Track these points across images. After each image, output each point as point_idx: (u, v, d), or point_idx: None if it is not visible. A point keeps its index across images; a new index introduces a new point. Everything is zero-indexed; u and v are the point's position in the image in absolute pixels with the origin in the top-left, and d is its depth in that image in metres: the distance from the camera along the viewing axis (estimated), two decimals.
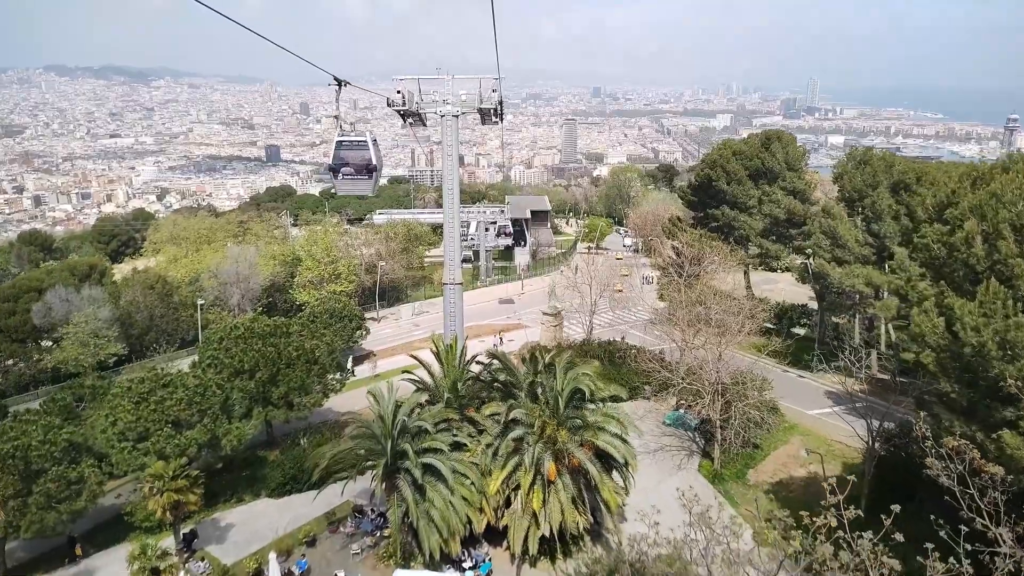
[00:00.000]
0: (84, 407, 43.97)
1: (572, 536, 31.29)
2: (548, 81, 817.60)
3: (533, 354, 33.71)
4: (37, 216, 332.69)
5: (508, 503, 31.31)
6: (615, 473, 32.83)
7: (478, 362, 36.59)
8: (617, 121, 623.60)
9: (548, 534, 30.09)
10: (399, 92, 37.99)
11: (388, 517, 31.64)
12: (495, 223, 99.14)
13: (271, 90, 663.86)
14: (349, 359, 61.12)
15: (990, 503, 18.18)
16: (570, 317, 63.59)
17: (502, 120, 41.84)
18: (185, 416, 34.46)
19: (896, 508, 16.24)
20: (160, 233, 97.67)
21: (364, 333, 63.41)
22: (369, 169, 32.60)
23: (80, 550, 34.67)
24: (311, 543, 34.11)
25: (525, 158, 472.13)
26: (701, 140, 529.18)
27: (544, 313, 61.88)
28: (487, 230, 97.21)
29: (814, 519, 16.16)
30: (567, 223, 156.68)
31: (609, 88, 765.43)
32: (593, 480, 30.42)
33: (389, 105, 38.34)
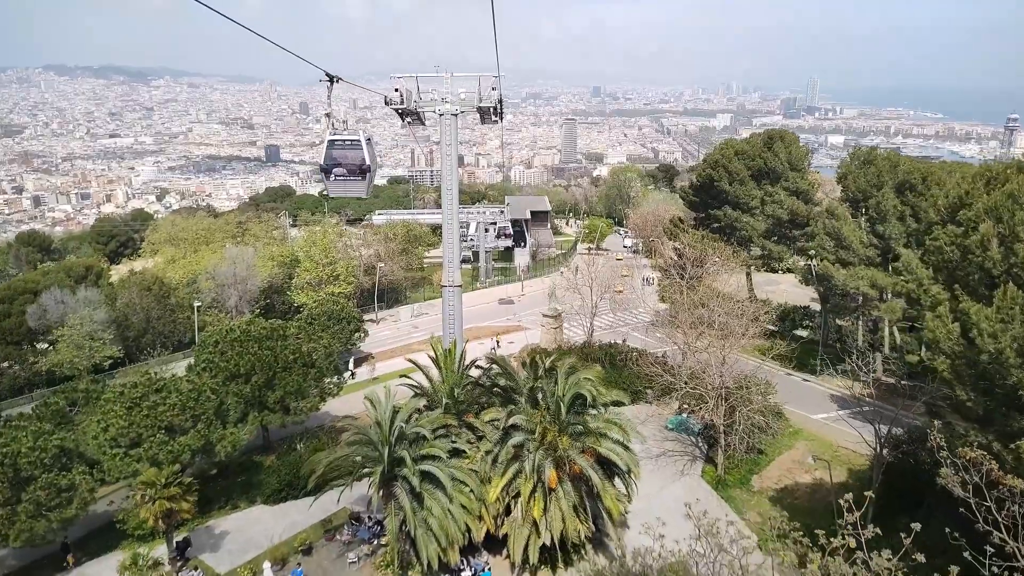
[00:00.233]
0: (77, 411, 43.28)
1: (573, 545, 30.63)
2: (548, 81, 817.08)
3: (533, 359, 33.06)
4: (36, 216, 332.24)
5: (508, 511, 30.68)
6: (617, 480, 32.19)
7: (477, 366, 35.91)
8: (617, 121, 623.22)
9: (549, 543, 29.46)
10: (397, 91, 37.21)
11: (386, 525, 30.97)
12: (495, 224, 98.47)
13: (270, 90, 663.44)
14: (350, 360, 60.75)
15: (1008, 516, 17.54)
16: (570, 319, 62.89)
17: (502, 119, 41.15)
18: (178, 422, 33.81)
19: (916, 527, 15.54)
20: (158, 234, 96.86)
21: (362, 335, 62.73)
22: (363, 170, 31.49)
23: (72, 558, 34.02)
24: (307, 551, 33.45)
25: (525, 158, 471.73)
26: (701, 140, 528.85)
27: (544, 315, 61.22)
28: (487, 231, 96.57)
29: (831, 539, 15.49)
30: (567, 223, 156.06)
31: (609, 88, 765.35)
32: (595, 488, 29.76)
33: (387, 104, 37.55)
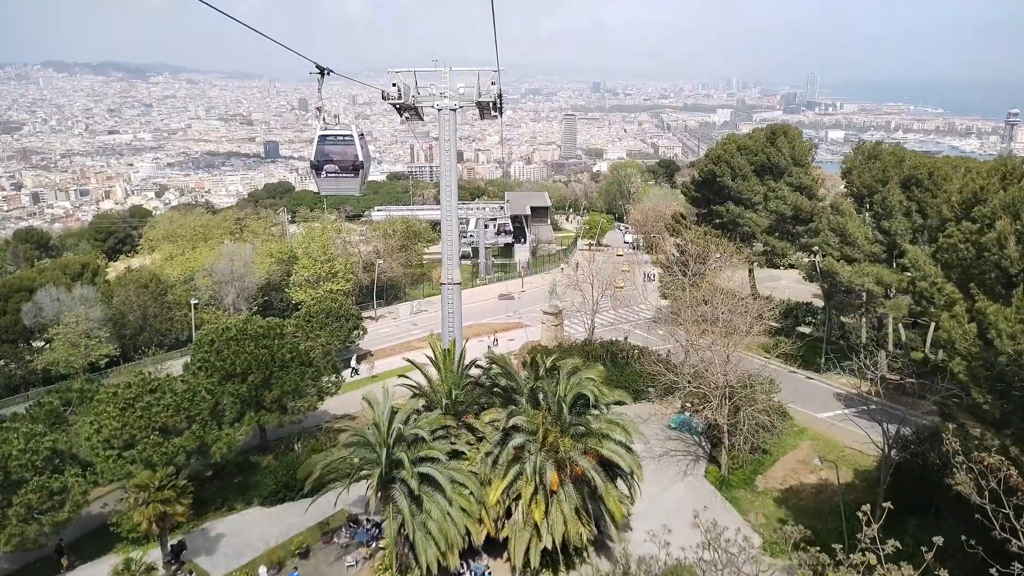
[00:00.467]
0: (72, 411, 42.75)
1: (575, 548, 30.07)
2: (547, 76, 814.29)
3: (534, 358, 32.44)
4: (36, 213, 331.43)
5: (508, 514, 30.11)
6: (619, 481, 31.61)
7: (477, 366, 35.30)
8: (617, 116, 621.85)
9: (550, 546, 28.89)
10: (395, 85, 36.53)
11: (384, 528, 30.38)
12: (495, 220, 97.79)
13: (270, 86, 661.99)
14: (353, 357, 60.24)
15: None
16: (571, 316, 62.30)
17: (501, 114, 40.42)
18: (173, 423, 33.21)
19: (939, 540, 14.96)
20: (156, 231, 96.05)
21: (361, 333, 62.09)
22: (355, 167, 29.73)
23: (67, 560, 33.50)
24: (304, 554, 32.91)
25: (524, 154, 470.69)
26: (701, 135, 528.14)
27: (545, 312, 60.60)
28: (486, 227, 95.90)
29: (849, 555, 14.93)
30: (567, 219, 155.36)
31: (609, 83, 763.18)
32: (598, 490, 29.18)
33: (384, 99, 36.84)
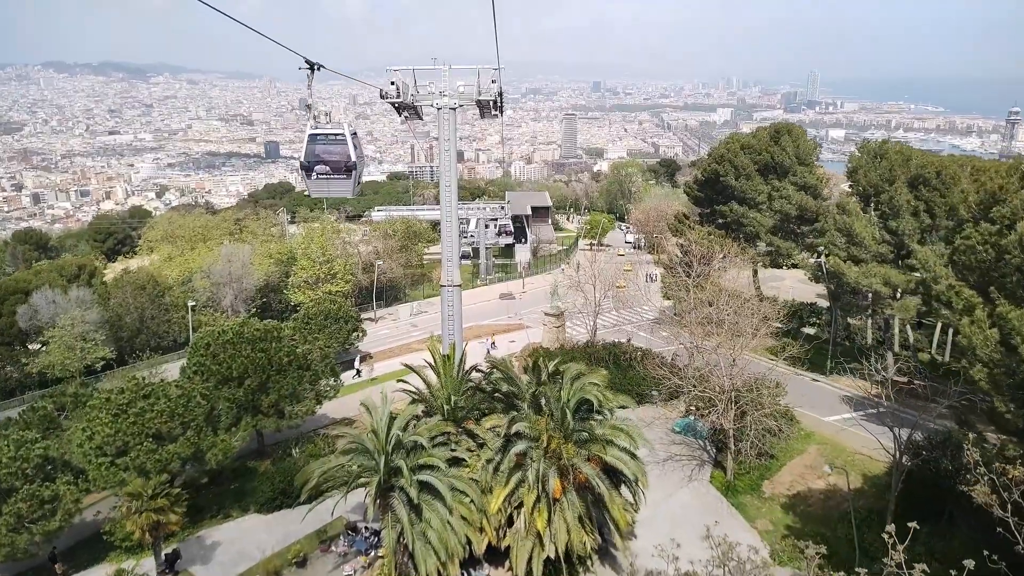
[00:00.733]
0: (66, 416, 42.06)
1: (579, 557, 29.34)
2: (548, 76, 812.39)
3: (536, 362, 31.73)
4: (36, 214, 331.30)
5: (510, 522, 29.39)
6: (623, 487, 30.91)
7: (478, 370, 34.59)
8: (617, 116, 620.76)
9: (553, 555, 28.19)
10: (393, 84, 35.81)
11: (382, 537, 29.67)
12: (495, 220, 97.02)
13: (270, 86, 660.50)
14: (357, 358, 59.62)
15: None
16: (573, 317, 61.59)
17: (502, 113, 39.67)
18: (167, 429, 32.47)
19: (969, 564, 14.23)
20: (155, 231, 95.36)
21: (360, 335, 61.38)
22: (348, 167, 28.29)
23: (61, 568, 32.84)
24: (301, 563, 32.21)
25: (525, 153, 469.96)
26: (701, 134, 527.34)
27: (546, 313, 59.88)
28: (487, 227, 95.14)
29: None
30: (568, 219, 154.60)
31: (609, 83, 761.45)
32: (602, 497, 28.47)
33: (383, 97, 36.13)
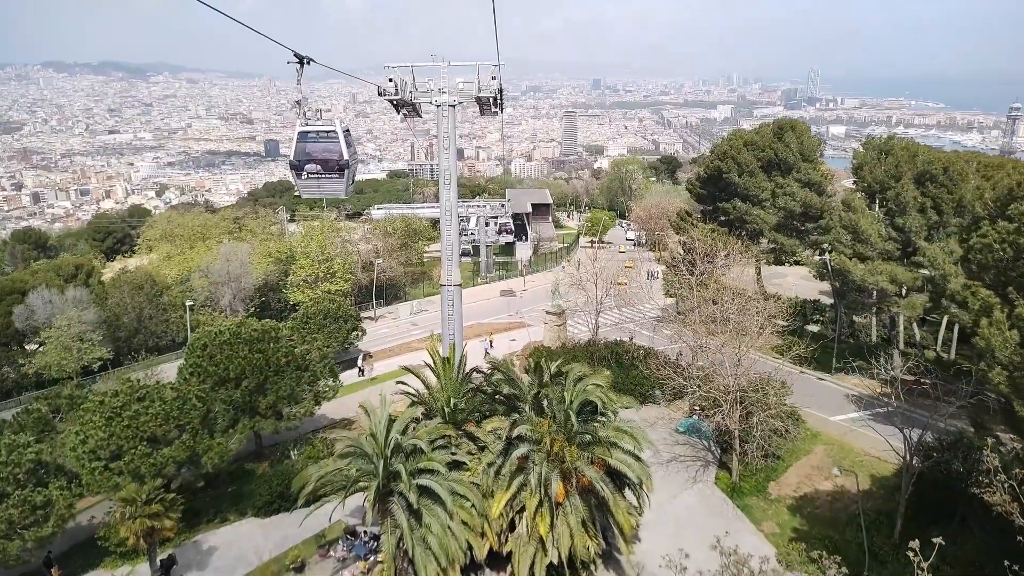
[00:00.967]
0: (61, 418, 41.48)
1: (582, 562, 28.66)
2: (548, 73, 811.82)
3: (538, 363, 31.09)
4: (36, 213, 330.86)
5: (512, 527, 28.73)
6: (627, 490, 30.28)
7: (478, 371, 33.96)
8: (617, 113, 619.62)
9: (556, 561, 27.53)
10: (391, 80, 35.14)
11: (382, 542, 29.04)
12: (495, 218, 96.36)
13: (270, 85, 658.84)
14: (360, 357, 59.11)
15: None
16: (574, 316, 60.96)
17: (502, 110, 38.99)
18: (162, 432, 31.87)
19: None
20: (154, 230, 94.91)
21: (360, 334, 60.77)
22: (340, 166, 26.88)
23: (56, 573, 32.27)
24: (299, 569, 31.57)
25: (525, 151, 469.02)
26: (702, 131, 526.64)
27: (547, 312, 59.21)
28: (487, 225, 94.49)
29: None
30: (568, 216, 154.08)
31: (609, 80, 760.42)
32: (606, 501, 27.85)
33: (381, 95, 35.47)
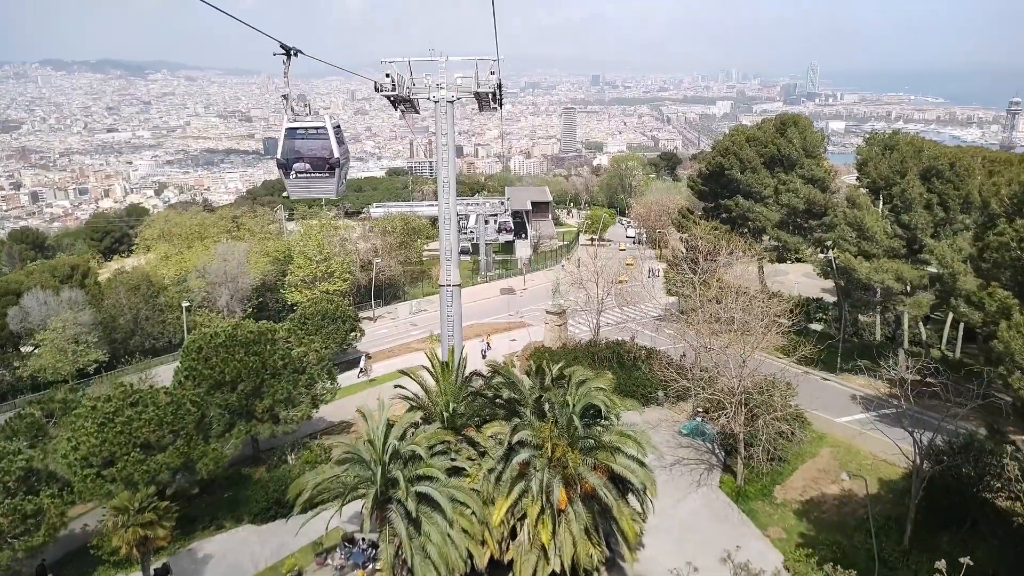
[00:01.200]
0: (55, 423, 40.80)
1: (585, 571, 28.00)
2: (547, 70, 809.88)
3: (540, 366, 30.43)
4: (35, 212, 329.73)
5: (514, 534, 28.06)
6: (630, 495, 29.61)
7: (477, 374, 33.27)
8: (616, 109, 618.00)
9: (559, 569, 26.86)
10: (388, 76, 34.41)
11: (380, 551, 28.37)
12: (495, 216, 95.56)
13: (268, 82, 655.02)
14: (362, 357, 58.61)
15: None
16: (575, 315, 60.29)
17: (501, 106, 38.31)
18: (155, 438, 31.21)
19: None
20: (152, 229, 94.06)
21: (359, 335, 60.16)
22: (331, 165, 25.15)
23: None
24: None
25: (524, 148, 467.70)
26: (701, 127, 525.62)
27: (548, 312, 58.54)
28: (487, 223, 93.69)
29: None
30: (568, 214, 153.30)
31: (608, 76, 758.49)
32: (610, 508, 27.17)
33: (377, 91, 34.74)
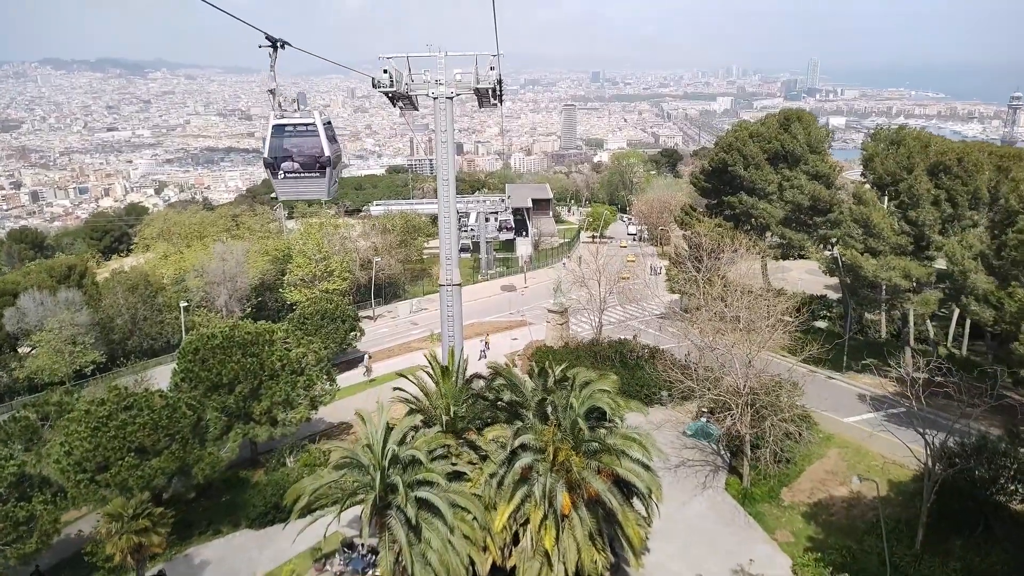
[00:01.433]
0: (50, 426, 40.17)
1: None
2: (546, 67, 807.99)
3: (543, 368, 29.77)
4: (35, 212, 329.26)
5: (516, 540, 27.43)
6: (635, 499, 28.98)
7: (478, 376, 32.63)
8: (617, 106, 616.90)
9: None
10: (386, 72, 33.74)
11: (379, 559, 27.74)
12: (495, 213, 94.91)
13: (268, 81, 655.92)
14: (365, 357, 58.40)
15: None
16: (577, 314, 59.65)
17: (501, 102, 37.66)
18: (150, 442, 30.59)
19: None
20: (151, 228, 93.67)
21: (358, 335, 59.56)
22: (321, 164, 23.95)
23: None
24: None
25: (524, 145, 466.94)
26: (702, 124, 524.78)
27: (549, 311, 57.91)
28: (487, 220, 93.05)
29: None
30: (569, 211, 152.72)
31: (608, 73, 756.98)
32: (615, 513, 26.55)
33: (375, 87, 34.08)
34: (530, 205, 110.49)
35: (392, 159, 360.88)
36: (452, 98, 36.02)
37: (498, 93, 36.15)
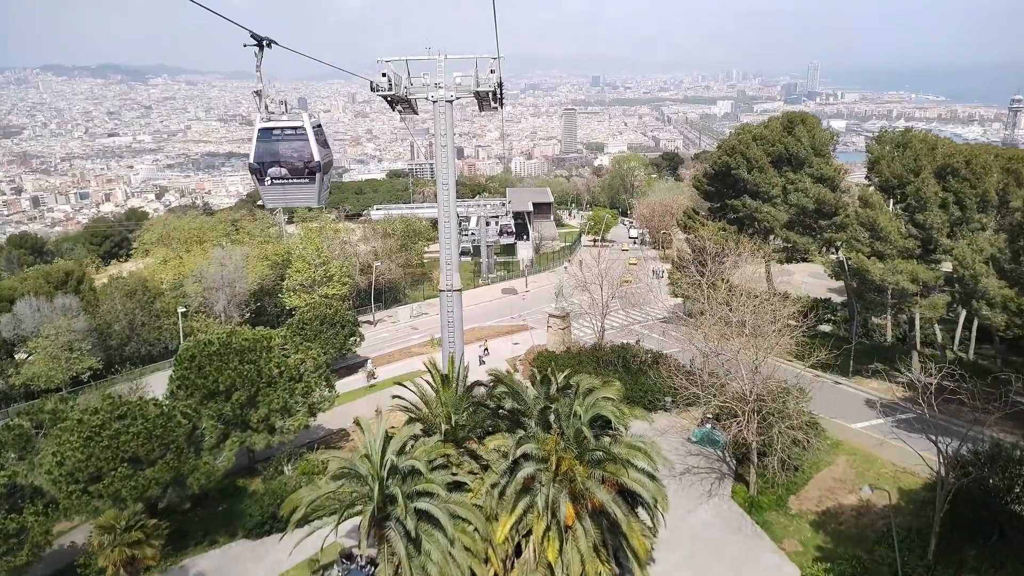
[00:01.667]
0: (44, 434, 39.53)
1: None
2: (547, 71, 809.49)
3: (545, 375, 29.13)
4: (36, 217, 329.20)
5: (518, 552, 26.81)
6: (640, 508, 28.31)
7: (479, 383, 32.01)
8: (617, 110, 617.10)
9: None
10: (385, 75, 33.19)
11: (377, 573, 27.08)
12: (496, 217, 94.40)
13: (269, 86, 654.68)
14: (368, 362, 57.89)
15: None
16: (579, 318, 59.05)
17: (502, 105, 37.15)
18: (144, 452, 29.94)
19: None
20: (151, 233, 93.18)
21: (358, 340, 58.95)
22: (310, 169, 22.80)
23: None
24: None
25: (525, 149, 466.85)
26: (702, 127, 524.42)
27: (551, 315, 57.33)
28: (488, 224, 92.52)
29: None
30: (570, 215, 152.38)
31: (608, 77, 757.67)
32: (620, 525, 25.89)
33: (373, 90, 33.55)
34: (531, 209, 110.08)
35: (393, 163, 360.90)
36: (452, 102, 35.58)
37: (498, 96, 35.67)
